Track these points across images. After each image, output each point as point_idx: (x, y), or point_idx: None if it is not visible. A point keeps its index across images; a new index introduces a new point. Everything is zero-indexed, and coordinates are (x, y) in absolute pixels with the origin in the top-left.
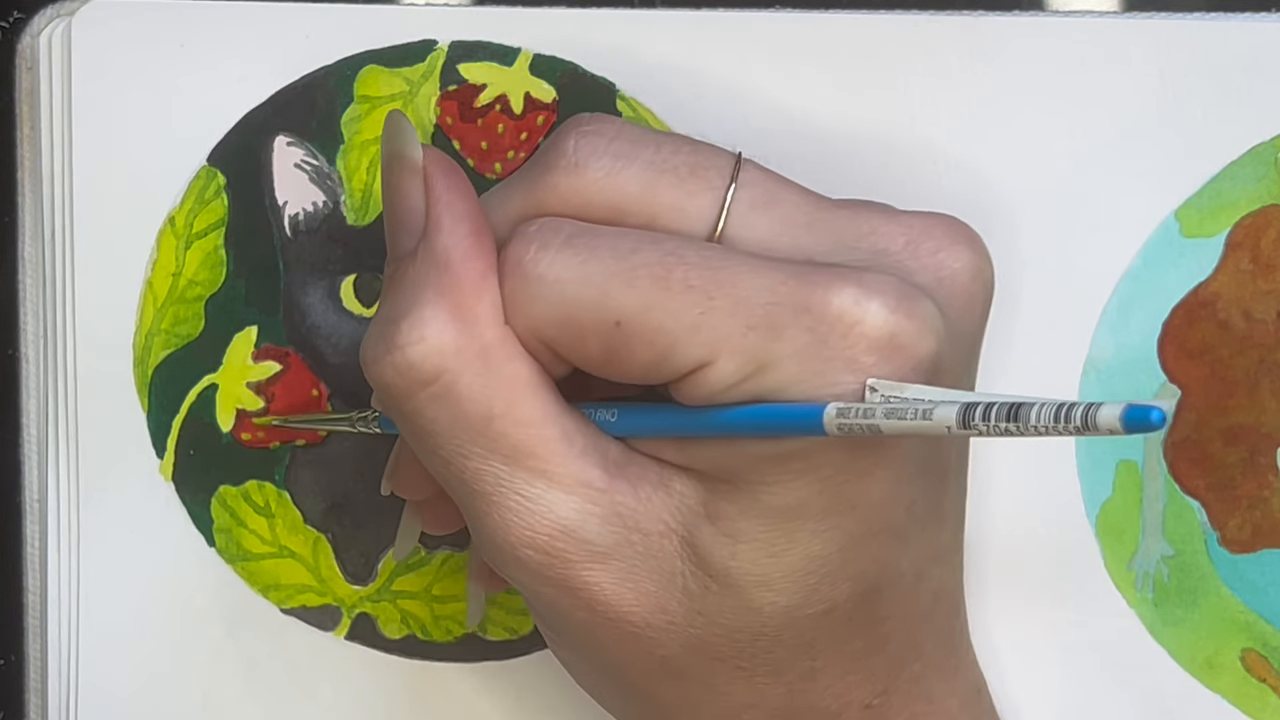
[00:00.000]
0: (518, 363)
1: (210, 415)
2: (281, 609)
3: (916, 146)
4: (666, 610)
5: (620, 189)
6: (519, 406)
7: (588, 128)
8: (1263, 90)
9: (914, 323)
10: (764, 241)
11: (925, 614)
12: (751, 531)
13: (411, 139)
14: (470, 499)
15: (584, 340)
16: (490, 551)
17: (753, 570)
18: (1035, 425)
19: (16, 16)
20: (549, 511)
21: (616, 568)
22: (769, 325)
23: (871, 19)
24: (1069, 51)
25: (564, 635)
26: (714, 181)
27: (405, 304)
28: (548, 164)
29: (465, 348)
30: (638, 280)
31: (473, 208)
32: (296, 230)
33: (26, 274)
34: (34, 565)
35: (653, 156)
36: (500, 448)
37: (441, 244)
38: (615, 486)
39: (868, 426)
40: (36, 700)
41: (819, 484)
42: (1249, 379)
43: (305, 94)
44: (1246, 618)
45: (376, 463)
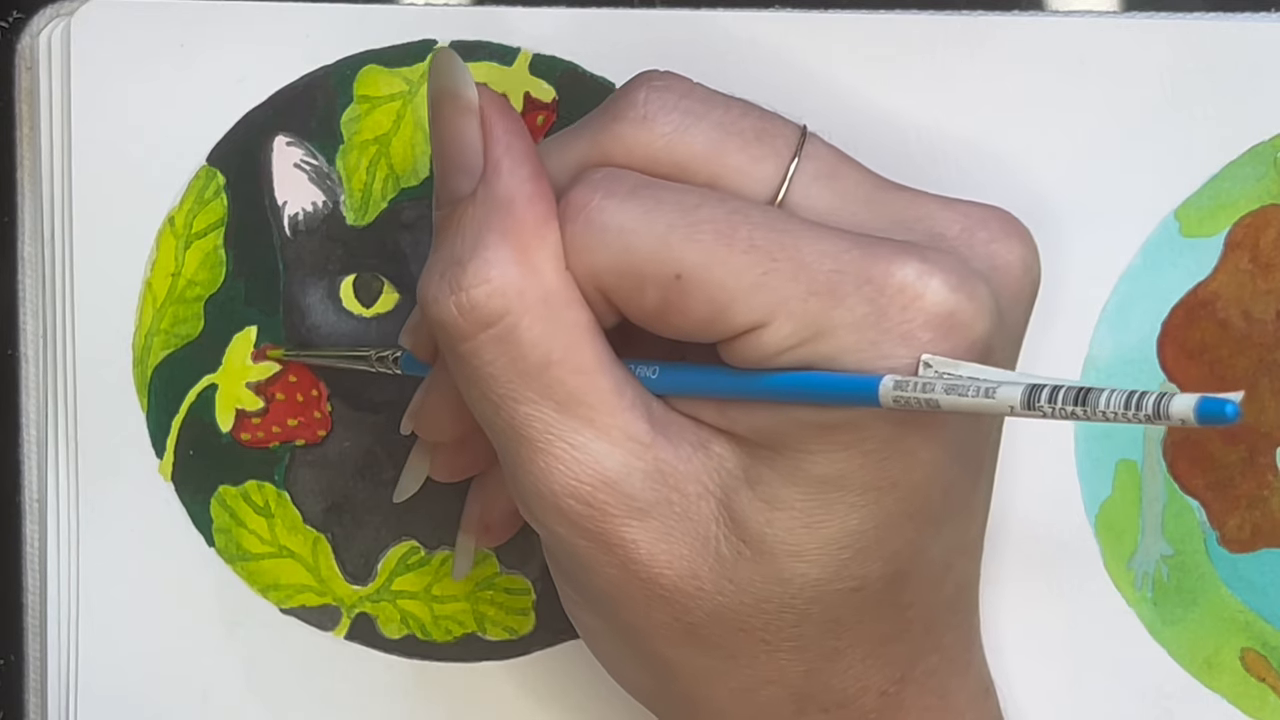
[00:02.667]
0: (577, 309)
1: (210, 415)
2: (281, 609)
3: (916, 146)
4: (698, 575)
5: (687, 146)
6: (577, 353)
7: (659, 82)
8: (1262, 90)
9: (973, 303)
10: (823, 213)
11: (948, 605)
12: (789, 499)
13: (463, 76)
14: (516, 445)
15: (642, 290)
16: (530, 500)
17: (787, 539)
18: (1104, 411)
19: (16, 16)
20: (595, 462)
21: (654, 526)
22: (830, 291)
23: (871, 19)
24: (1069, 51)
25: (589, 595)
26: (779, 149)
27: (469, 245)
28: (616, 113)
29: (529, 291)
30: (701, 235)
31: (532, 150)
32: (296, 230)
33: (26, 274)
34: (34, 565)
35: (721, 117)
36: (554, 394)
37: (503, 186)
38: (658, 442)
39: (926, 400)
40: (36, 700)
41: (863, 457)
42: (1248, 379)
43: (305, 94)
44: (1246, 617)
45: (377, 462)
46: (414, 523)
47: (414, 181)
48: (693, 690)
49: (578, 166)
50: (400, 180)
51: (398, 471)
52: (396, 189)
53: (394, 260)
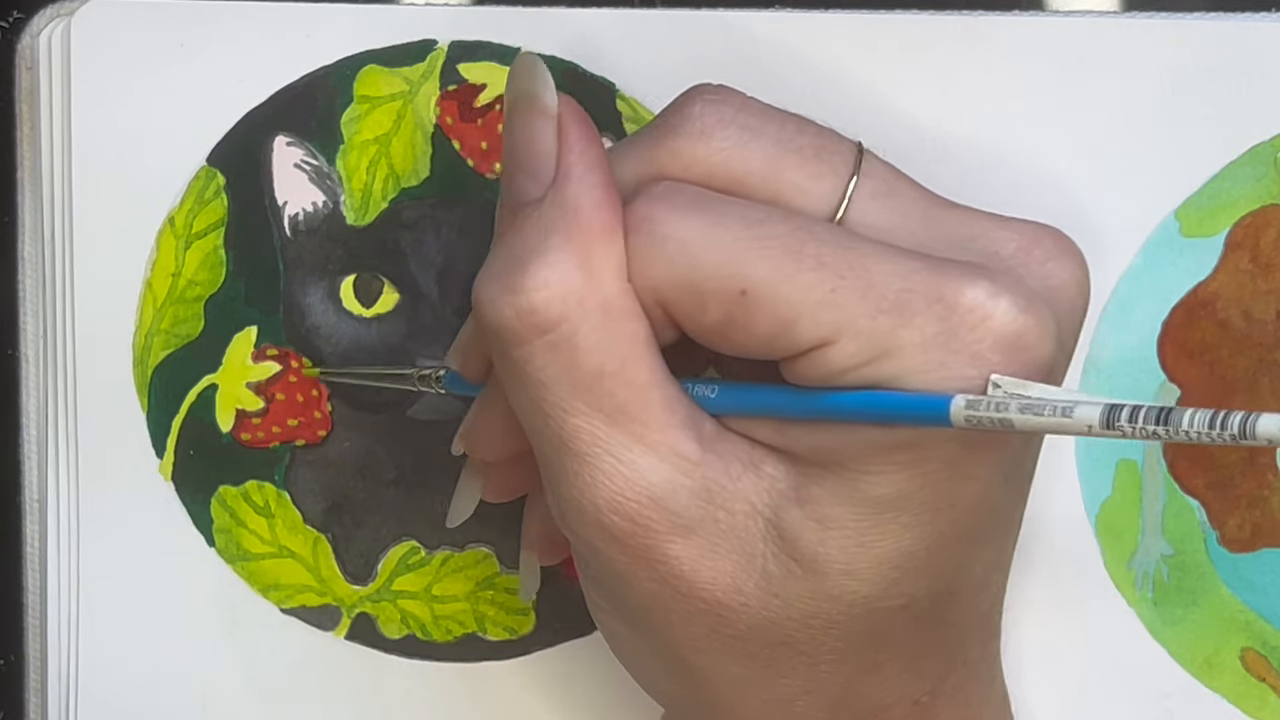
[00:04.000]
0: (636, 322)
1: (210, 415)
2: (281, 609)
3: (916, 146)
4: (742, 590)
5: (745, 162)
6: (631, 366)
7: (714, 96)
8: (1262, 90)
9: (1040, 325)
10: (881, 231)
11: (982, 621)
12: (844, 519)
13: (545, 81)
14: (562, 456)
15: (704, 306)
16: (573, 513)
17: (840, 558)
18: (1186, 431)
19: (16, 16)
20: (641, 478)
21: (698, 543)
22: (899, 310)
23: (871, 19)
24: (1069, 51)
25: (623, 606)
26: (837, 166)
27: (531, 248)
28: (672, 128)
29: (589, 298)
30: (768, 250)
31: (604, 160)
32: (296, 230)
33: (26, 274)
34: (34, 565)
35: (779, 134)
36: (605, 406)
37: (572, 191)
38: (707, 461)
39: (1000, 420)
40: (36, 700)
41: (923, 478)
42: (1248, 378)
43: (305, 94)
44: (1246, 617)
45: (377, 462)
46: (414, 523)
47: (414, 182)
48: (723, 699)
49: (635, 180)
50: (400, 180)
51: (398, 471)
52: (397, 189)
53: (394, 260)
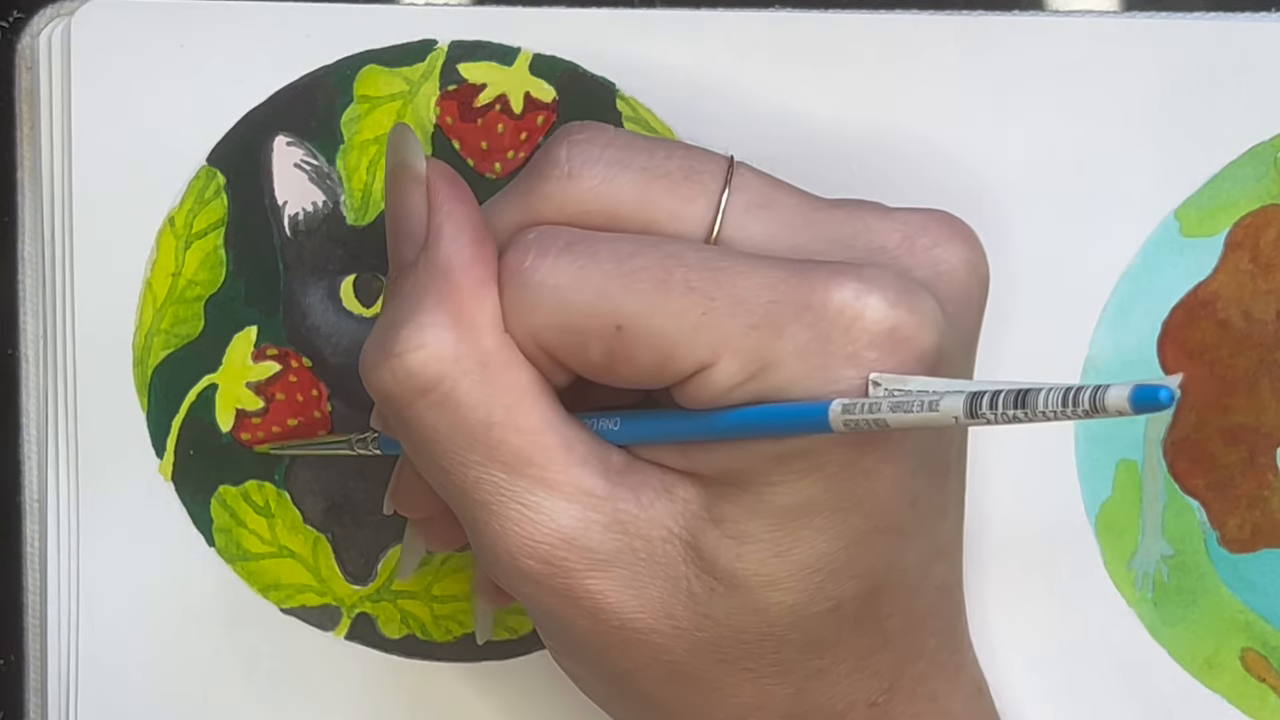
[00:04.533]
0: (517, 370)
1: (210, 415)
2: (281, 609)
3: (916, 146)
4: (672, 615)
5: (615, 196)
6: (518, 414)
7: (579, 136)
8: (1262, 90)
9: (915, 316)
10: (760, 243)
11: (929, 611)
12: (757, 532)
13: (415, 149)
14: (470, 509)
15: (585, 346)
16: (491, 562)
17: (759, 570)
18: (1043, 411)
19: (16, 16)
20: (550, 520)
21: (619, 575)
22: (770, 324)
23: (871, 19)
24: (1069, 51)
25: (567, 645)
26: (708, 185)
27: (405, 311)
28: (542, 174)
29: (465, 355)
30: (638, 283)
31: (474, 216)
32: (296, 230)
33: (26, 274)
34: (34, 565)
35: (646, 162)
36: (500, 455)
37: (443, 252)
38: (617, 494)
39: (874, 421)
40: (36, 700)
41: (825, 481)
42: (1248, 378)
43: (305, 94)
44: (1246, 617)
45: (377, 463)
46: None
47: None
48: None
49: (513, 228)
50: None
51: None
52: None
53: None
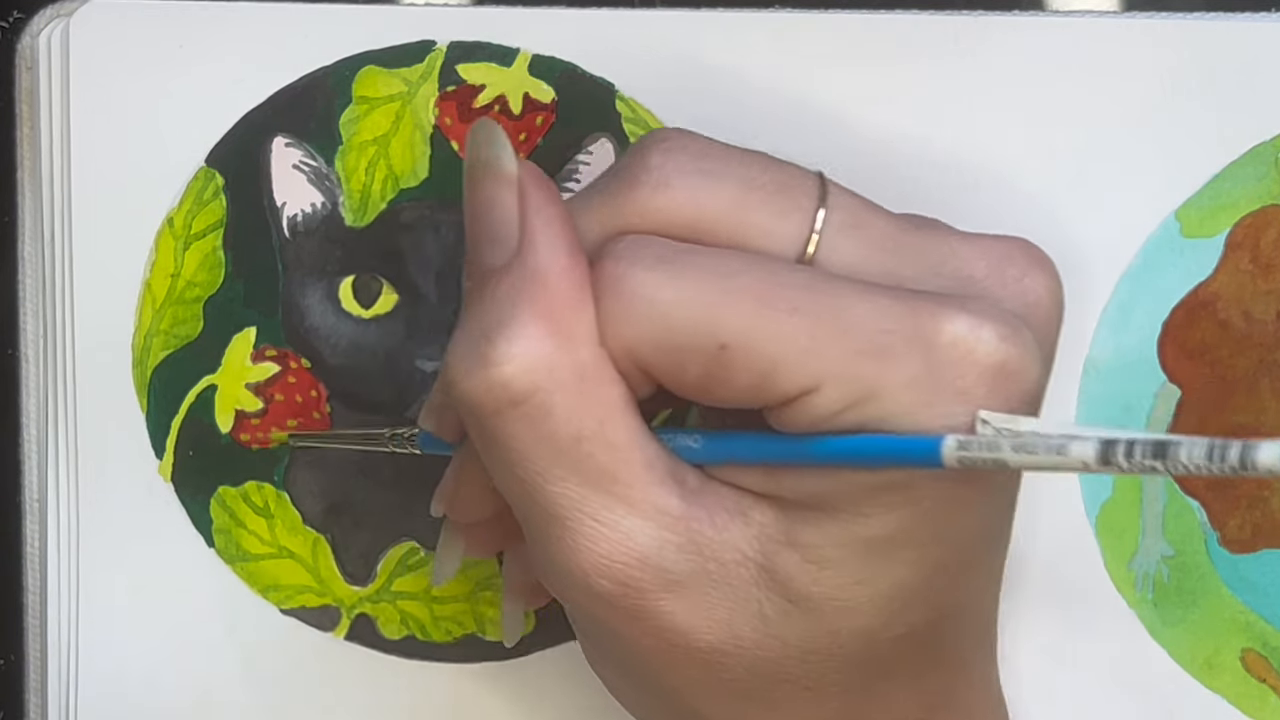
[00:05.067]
0: (611, 384)
1: (209, 416)
2: (281, 609)
3: (916, 146)
4: (737, 635)
5: (709, 208)
6: (610, 429)
7: (672, 144)
8: (1263, 90)
9: (1022, 352)
10: (851, 265)
11: (980, 636)
12: (840, 559)
13: (504, 146)
14: (545, 523)
15: (683, 364)
16: (559, 578)
17: (837, 596)
18: (1186, 464)
19: (16, 16)
20: (626, 539)
21: (690, 596)
22: (879, 352)
23: (871, 19)
24: (1069, 51)
25: (618, 659)
26: (802, 202)
27: (499, 319)
28: (632, 180)
29: (561, 366)
30: (741, 302)
31: (569, 221)
32: (295, 231)
33: (26, 274)
34: (34, 565)
35: (741, 174)
36: (584, 470)
37: (539, 258)
38: (692, 514)
39: (993, 460)
40: (36, 700)
41: (919, 516)
42: (1249, 379)
43: (304, 95)
44: (1246, 618)
45: (376, 463)
46: (413, 524)
47: (413, 182)
48: None
49: (598, 237)
50: (399, 181)
51: (397, 472)
52: (395, 190)
53: (393, 261)
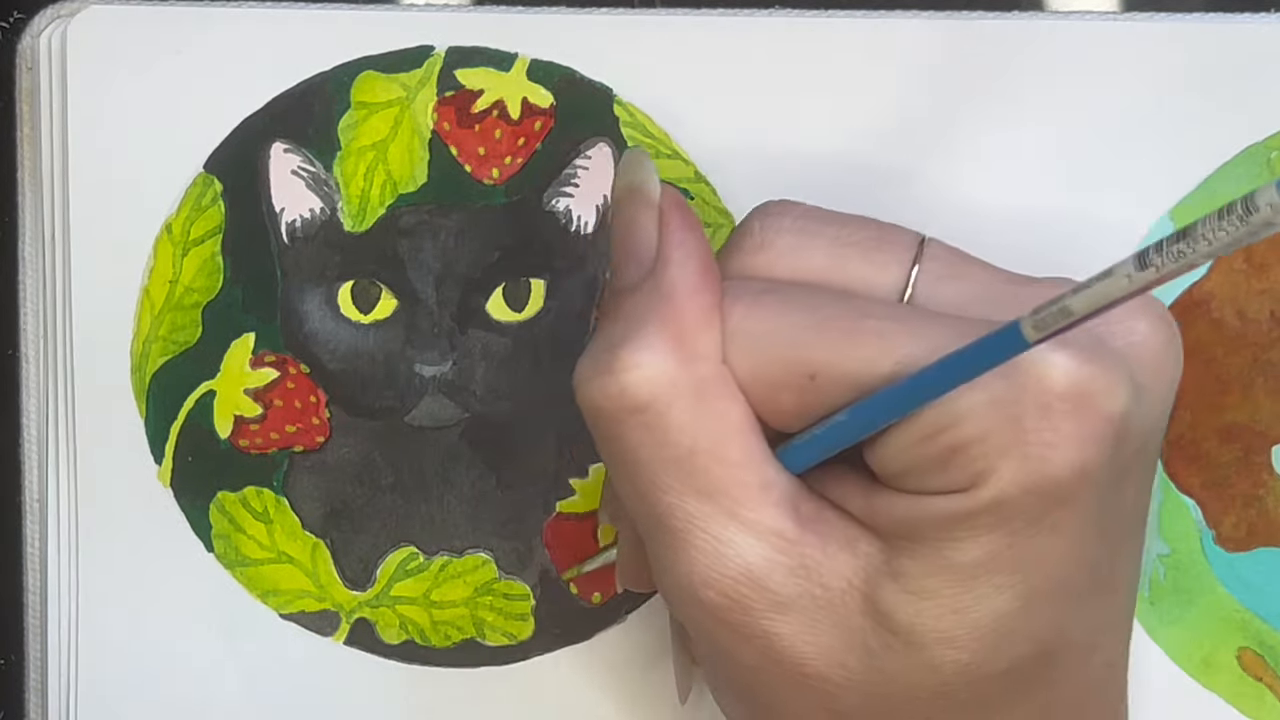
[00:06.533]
0: (729, 402)
1: (208, 421)
2: (280, 614)
3: (916, 147)
4: (846, 665)
5: (807, 263)
6: (724, 445)
7: (774, 210)
8: (1257, 91)
9: (1105, 376)
10: (951, 310)
11: (1097, 686)
12: (936, 588)
13: (650, 173)
14: (659, 533)
15: (777, 394)
16: (671, 589)
17: (936, 627)
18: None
19: (17, 17)
20: (737, 555)
21: (796, 618)
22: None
23: (871, 20)
24: (1067, 52)
25: (732, 681)
26: (900, 255)
27: (626, 331)
28: (736, 245)
29: (680, 379)
30: (829, 332)
31: (704, 246)
32: (294, 237)
33: (26, 274)
34: (34, 565)
35: (838, 232)
36: (698, 484)
37: (670, 277)
38: (804, 539)
39: (1060, 311)
40: (36, 700)
41: (1008, 538)
42: (1243, 378)
43: (302, 100)
44: (1243, 616)
45: (375, 468)
46: (412, 528)
47: (411, 188)
48: None
49: None
50: (398, 186)
51: (396, 477)
52: (394, 195)
53: (392, 267)
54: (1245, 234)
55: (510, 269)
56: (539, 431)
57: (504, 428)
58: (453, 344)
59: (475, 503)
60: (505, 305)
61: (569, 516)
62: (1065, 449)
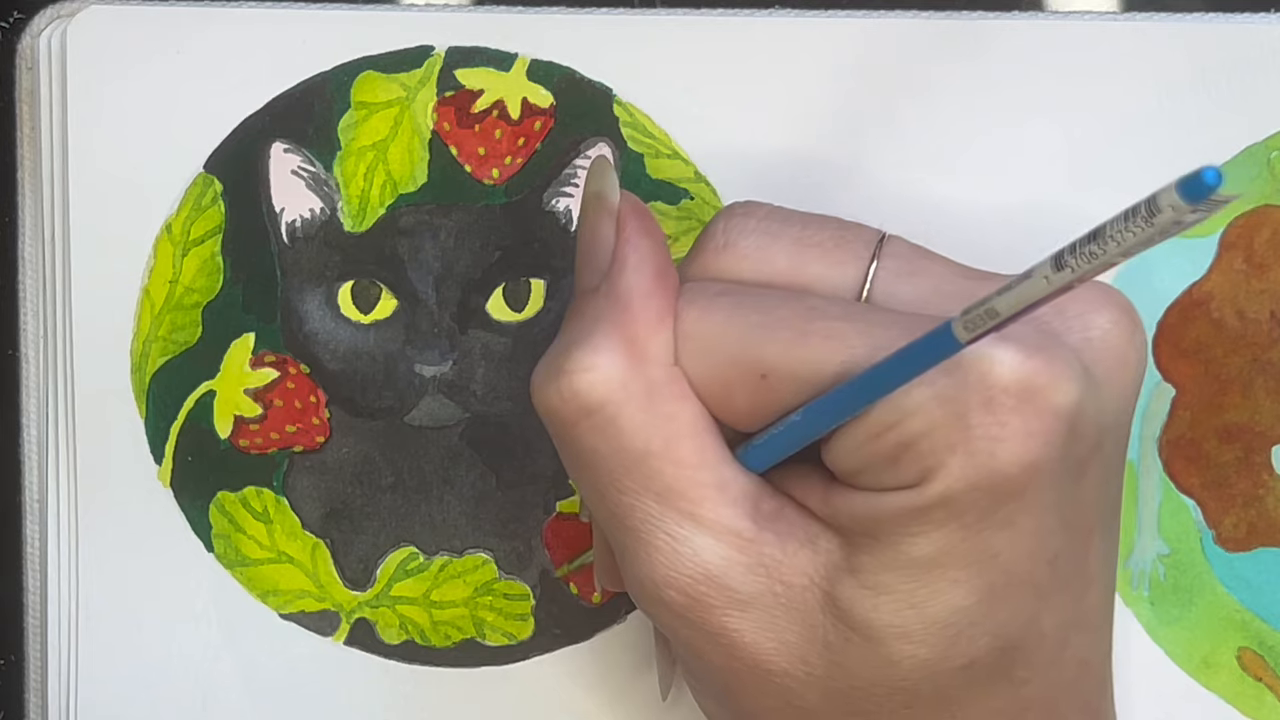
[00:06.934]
0: (680, 403)
1: (208, 421)
2: (280, 614)
3: (915, 147)
4: (807, 661)
5: (769, 263)
6: (676, 447)
7: (738, 211)
8: (1257, 90)
9: (1051, 369)
10: (909, 307)
11: (1069, 684)
12: (892, 583)
13: (611, 182)
14: (620, 534)
15: (731, 393)
16: (634, 588)
17: (894, 622)
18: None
19: (17, 17)
20: (694, 555)
21: (757, 616)
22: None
23: (871, 20)
24: (1067, 52)
25: (703, 679)
26: (859, 253)
27: (580, 334)
28: (700, 247)
29: (632, 381)
30: (780, 332)
31: (659, 251)
32: (294, 237)
33: (26, 274)
34: (34, 565)
35: (799, 233)
36: (653, 485)
37: (624, 281)
38: (763, 538)
39: (987, 312)
40: (36, 700)
41: (962, 531)
42: (1243, 378)
43: (302, 100)
44: (1243, 616)
45: (375, 468)
46: (412, 528)
47: (411, 188)
48: None
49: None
50: (398, 186)
51: (396, 477)
52: (394, 195)
53: (392, 267)
54: (1154, 233)
55: (510, 269)
56: (539, 431)
57: (504, 428)
58: (453, 344)
59: (475, 503)
60: (505, 305)
61: (569, 516)
62: (1011, 443)
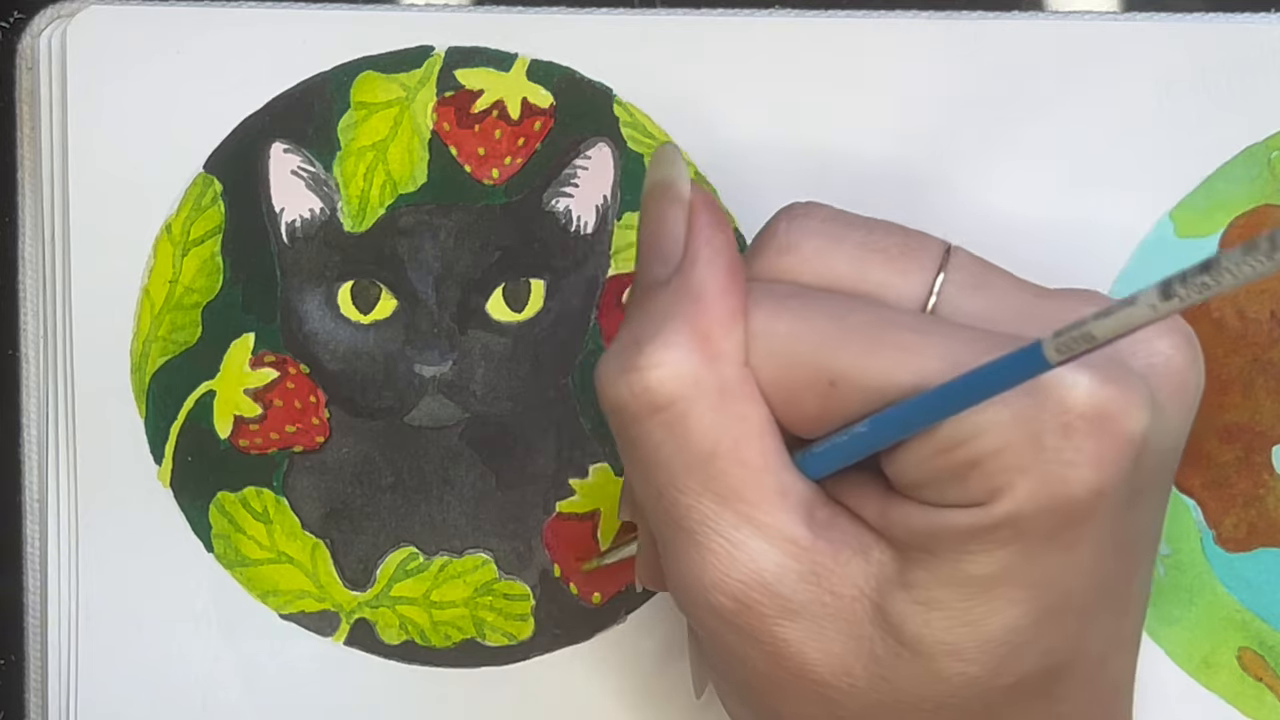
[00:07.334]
0: (751, 404)
1: (208, 421)
2: (280, 614)
3: (915, 147)
4: (851, 673)
5: (831, 267)
6: (744, 448)
7: (799, 212)
8: (1257, 90)
9: (1125, 397)
10: (974, 321)
11: (1102, 705)
12: (947, 600)
13: (681, 170)
14: (674, 534)
15: (799, 399)
16: (682, 591)
17: (945, 639)
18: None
19: (17, 17)
20: (750, 560)
21: (805, 625)
22: None
23: (871, 20)
24: (1066, 52)
25: (741, 685)
26: (924, 263)
27: (651, 328)
28: (762, 246)
29: (704, 379)
30: (852, 339)
31: (732, 246)
32: (294, 237)
33: (26, 274)
34: (34, 565)
35: (864, 238)
36: (716, 486)
37: (698, 275)
38: (817, 546)
39: (1083, 336)
40: (36, 700)
41: (1022, 553)
42: (1243, 378)
43: (302, 100)
44: (1243, 616)
45: (375, 468)
46: (412, 528)
47: (411, 188)
48: None
49: None
50: (398, 186)
51: (396, 477)
52: (394, 195)
53: (391, 267)
54: (1271, 268)
55: (510, 269)
56: (539, 431)
57: (504, 428)
58: (453, 344)
59: (475, 503)
60: (505, 305)
61: (569, 516)
62: (1084, 468)
